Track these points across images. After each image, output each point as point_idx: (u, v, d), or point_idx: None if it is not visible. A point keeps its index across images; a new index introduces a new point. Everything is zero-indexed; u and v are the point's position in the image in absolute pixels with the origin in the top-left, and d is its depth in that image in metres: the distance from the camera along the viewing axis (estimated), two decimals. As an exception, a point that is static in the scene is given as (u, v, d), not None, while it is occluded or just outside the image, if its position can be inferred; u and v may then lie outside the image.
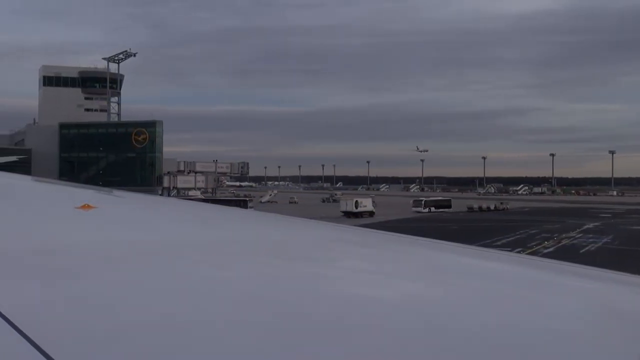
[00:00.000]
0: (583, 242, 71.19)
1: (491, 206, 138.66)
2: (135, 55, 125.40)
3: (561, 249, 63.62)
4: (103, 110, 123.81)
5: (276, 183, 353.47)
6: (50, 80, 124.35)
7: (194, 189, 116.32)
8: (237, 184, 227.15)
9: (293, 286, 2.21)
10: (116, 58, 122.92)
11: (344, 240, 3.62)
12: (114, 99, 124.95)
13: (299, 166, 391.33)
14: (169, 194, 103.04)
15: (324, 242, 3.49)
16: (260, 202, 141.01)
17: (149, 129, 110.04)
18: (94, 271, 2.26)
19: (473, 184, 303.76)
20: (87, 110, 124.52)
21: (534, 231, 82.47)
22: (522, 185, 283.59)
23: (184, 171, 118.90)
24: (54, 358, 1.36)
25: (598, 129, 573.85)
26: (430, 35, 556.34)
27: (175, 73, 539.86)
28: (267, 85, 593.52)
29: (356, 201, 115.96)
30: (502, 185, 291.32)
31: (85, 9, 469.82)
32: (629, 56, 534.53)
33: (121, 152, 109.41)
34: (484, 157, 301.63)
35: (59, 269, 2.25)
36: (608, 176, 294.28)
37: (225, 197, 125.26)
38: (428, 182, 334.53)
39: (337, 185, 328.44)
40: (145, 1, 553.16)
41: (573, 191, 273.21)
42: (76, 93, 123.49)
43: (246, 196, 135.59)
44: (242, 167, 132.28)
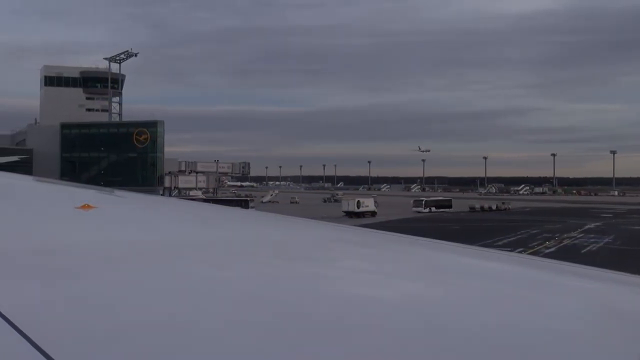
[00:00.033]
0: (584, 242, 71.13)
1: (493, 206, 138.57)
2: (136, 55, 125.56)
3: (563, 249, 63.58)
4: (104, 110, 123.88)
5: (277, 183, 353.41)
6: (52, 80, 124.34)
7: (195, 189, 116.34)
8: (238, 184, 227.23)
9: (293, 286, 2.21)
10: (117, 58, 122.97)
11: (344, 240, 3.62)
12: (116, 99, 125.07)
13: (300, 166, 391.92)
14: (170, 194, 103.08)
15: (324, 242, 3.49)
16: (262, 202, 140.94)
17: (150, 129, 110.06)
18: (93, 271, 2.25)
19: (474, 184, 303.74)
20: (88, 110, 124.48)
21: (536, 231, 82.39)
22: (523, 185, 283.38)
23: (185, 171, 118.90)
24: (54, 358, 1.36)
25: (599, 129, 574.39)
26: (430, 35, 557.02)
27: (175, 73, 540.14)
28: (268, 85, 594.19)
29: (358, 201, 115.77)
30: (503, 185, 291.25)
31: (86, 9, 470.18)
32: (629, 56, 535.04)
33: (122, 152, 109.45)
34: (485, 157, 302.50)
35: (59, 269, 2.25)
36: (609, 176, 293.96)
37: (226, 197, 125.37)
38: (429, 182, 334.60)
39: (338, 186, 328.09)
40: (146, 1, 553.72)
41: (574, 191, 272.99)
42: (77, 93, 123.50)
43: (247, 196, 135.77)
44: (243, 167, 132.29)
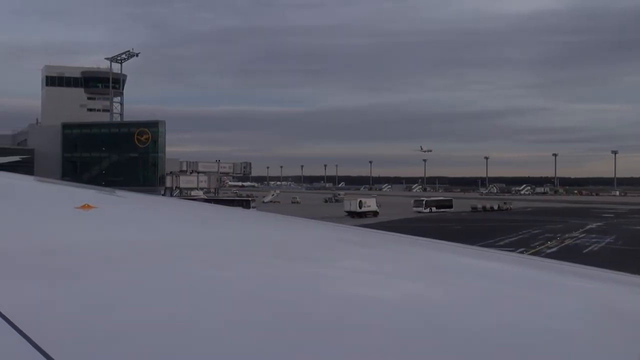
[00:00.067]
0: (586, 242, 71.08)
1: (495, 206, 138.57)
2: (137, 55, 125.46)
3: (564, 249, 63.53)
4: (106, 110, 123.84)
5: (278, 183, 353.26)
6: (53, 80, 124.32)
7: (196, 189, 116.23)
8: (239, 184, 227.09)
9: (293, 286, 2.21)
10: (119, 58, 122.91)
11: (344, 240, 3.62)
12: (117, 99, 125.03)
13: (301, 166, 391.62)
14: (171, 194, 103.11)
15: (324, 242, 3.49)
16: (263, 202, 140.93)
17: (152, 129, 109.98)
18: (93, 271, 2.25)
19: (475, 184, 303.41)
20: (89, 110, 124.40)
21: (537, 231, 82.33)
22: (524, 185, 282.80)
23: (186, 171, 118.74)
24: (54, 358, 1.36)
25: (600, 129, 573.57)
26: (430, 35, 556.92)
27: (176, 73, 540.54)
28: (269, 85, 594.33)
29: (360, 201, 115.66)
30: (505, 185, 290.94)
31: (87, 9, 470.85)
32: (630, 56, 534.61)
33: (124, 152, 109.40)
34: (486, 157, 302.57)
35: (59, 269, 2.25)
36: (610, 176, 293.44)
37: (227, 197, 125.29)
38: (430, 182, 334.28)
39: (340, 186, 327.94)
40: (147, 1, 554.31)
41: (575, 191, 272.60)
42: (79, 93, 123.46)
43: (248, 196, 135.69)
44: (244, 167, 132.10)
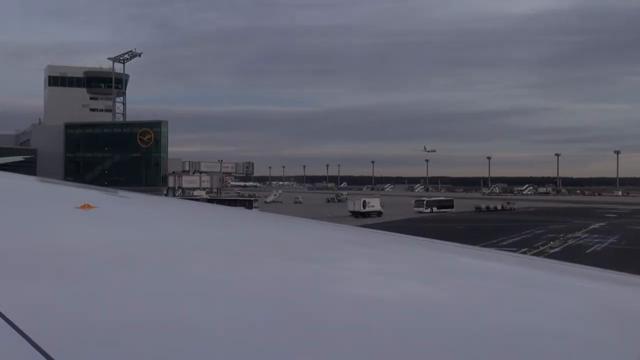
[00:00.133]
0: (589, 242, 71.08)
1: (498, 206, 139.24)
2: (140, 55, 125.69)
3: (568, 249, 63.54)
4: (108, 110, 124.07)
5: (281, 183, 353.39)
6: (56, 80, 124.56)
7: (199, 188, 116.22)
8: (241, 184, 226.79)
9: (294, 286, 2.21)
10: (121, 58, 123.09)
11: (345, 240, 3.61)
12: (119, 99, 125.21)
13: (304, 166, 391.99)
14: (174, 194, 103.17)
15: (325, 242, 3.49)
16: (265, 202, 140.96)
17: (154, 129, 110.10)
18: (93, 271, 2.25)
19: (478, 184, 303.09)
20: (92, 110, 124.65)
21: (540, 231, 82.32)
22: (527, 186, 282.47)
23: (189, 171, 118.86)
24: (54, 358, 1.36)
25: (603, 129, 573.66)
26: (433, 36, 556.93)
27: (179, 73, 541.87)
28: (272, 85, 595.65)
29: (364, 201, 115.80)
30: (507, 185, 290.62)
31: (90, 9, 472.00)
32: (634, 56, 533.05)
33: (126, 152, 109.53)
34: (488, 157, 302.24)
35: (59, 268, 2.25)
36: (613, 176, 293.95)
37: (230, 197, 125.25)
38: (433, 182, 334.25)
39: (342, 185, 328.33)
40: (150, 1, 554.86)
41: (578, 191, 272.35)
42: (81, 93, 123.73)
43: (251, 196, 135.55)
44: (247, 167, 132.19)
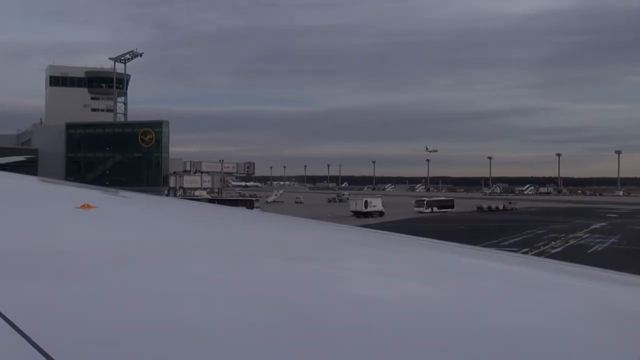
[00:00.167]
0: (590, 242, 71.04)
1: (500, 206, 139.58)
2: (141, 55, 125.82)
3: (569, 249, 63.50)
4: (109, 110, 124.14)
5: (282, 183, 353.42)
6: (57, 80, 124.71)
7: (200, 188, 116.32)
8: (242, 184, 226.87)
9: (294, 286, 2.21)
10: (122, 58, 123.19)
11: (345, 240, 3.61)
12: (121, 99, 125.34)
13: (305, 166, 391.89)
14: (175, 194, 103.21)
15: (325, 242, 3.49)
16: (267, 202, 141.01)
17: (156, 129, 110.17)
18: (93, 271, 2.25)
19: (479, 184, 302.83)
20: (93, 110, 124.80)
21: (542, 231, 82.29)
22: (528, 185, 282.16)
23: (190, 171, 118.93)
24: (54, 358, 1.36)
25: (604, 129, 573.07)
26: (434, 36, 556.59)
27: (180, 73, 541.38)
28: (273, 85, 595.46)
29: (366, 201, 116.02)
30: (508, 185, 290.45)
31: (91, 9, 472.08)
32: (635, 56, 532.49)
33: (127, 152, 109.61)
34: (489, 157, 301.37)
35: (58, 268, 2.25)
36: (614, 176, 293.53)
37: (231, 197, 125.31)
38: (434, 182, 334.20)
39: (343, 185, 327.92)
40: (150, 1, 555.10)
41: (579, 191, 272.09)
42: (83, 93, 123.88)
43: (252, 196, 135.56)
44: (248, 167, 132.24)
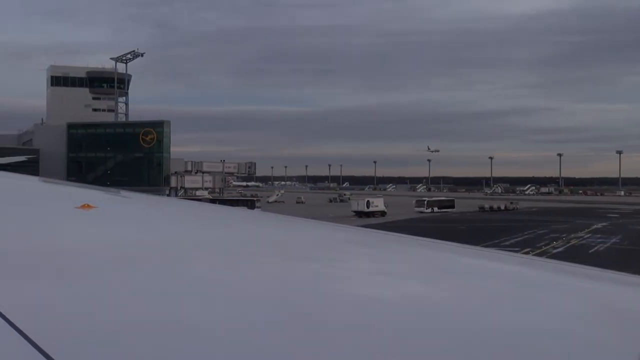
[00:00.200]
0: (592, 242, 70.97)
1: (501, 206, 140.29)
2: (142, 55, 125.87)
3: (570, 249, 63.44)
4: (111, 110, 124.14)
5: (283, 183, 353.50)
6: (58, 80, 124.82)
7: (201, 188, 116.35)
8: (243, 184, 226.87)
9: (294, 286, 2.21)
10: (124, 58, 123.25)
11: (345, 240, 3.61)
12: (122, 99, 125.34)
13: (306, 166, 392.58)
14: (176, 194, 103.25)
15: (325, 242, 3.48)
16: (268, 202, 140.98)
17: (157, 129, 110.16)
18: (93, 271, 2.25)
19: (480, 184, 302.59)
20: (94, 110, 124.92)
21: (543, 231, 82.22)
22: (529, 185, 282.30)
23: (191, 171, 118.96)
24: (54, 358, 1.36)
25: (605, 129, 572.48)
26: (434, 36, 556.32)
27: (180, 73, 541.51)
28: (274, 85, 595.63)
29: (368, 201, 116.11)
30: (509, 185, 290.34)
31: (92, 9, 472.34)
32: (635, 56, 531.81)
33: (129, 152, 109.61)
34: (491, 157, 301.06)
35: (58, 268, 2.25)
36: (615, 176, 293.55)
37: (233, 197, 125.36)
38: (435, 182, 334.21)
39: (344, 185, 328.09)
40: (150, 1, 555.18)
41: (580, 191, 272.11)
42: (84, 93, 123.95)
43: (253, 196, 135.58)
44: (249, 167, 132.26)
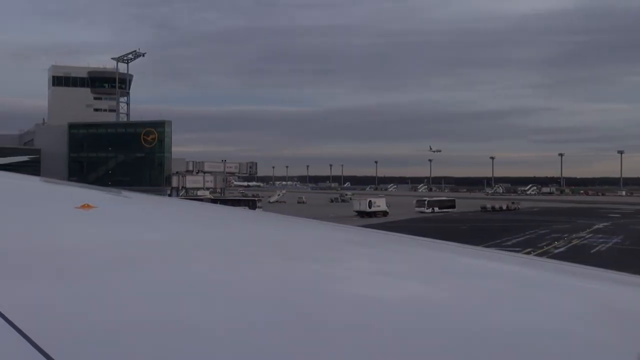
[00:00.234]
0: (594, 242, 70.95)
1: (503, 206, 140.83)
2: (144, 55, 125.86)
3: (572, 249, 63.42)
4: (112, 110, 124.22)
5: (284, 183, 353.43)
6: (60, 80, 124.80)
7: (202, 188, 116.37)
8: (244, 184, 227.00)
9: (294, 286, 2.21)
10: (125, 58, 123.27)
11: (345, 240, 3.61)
12: (123, 99, 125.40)
13: (307, 166, 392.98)
14: (177, 194, 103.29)
15: (325, 242, 3.48)
16: (269, 202, 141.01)
17: (158, 129, 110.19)
18: (93, 271, 2.25)
19: (481, 184, 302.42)
20: (96, 110, 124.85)
21: (544, 231, 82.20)
22: (530, 185, 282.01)
23: (192, 171, 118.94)
24: (54, 358, 1.36)
25: (607, 129, 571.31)
26: (435, 36, 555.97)
27: (180, 73, 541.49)
28: (275, 85, 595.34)
29: (370, 201, 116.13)
30: (510, 185, 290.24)
31: (93, 10, 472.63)
32: (637, 56, 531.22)
33: (130, 152, 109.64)
34: (492, 157, 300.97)
35: (58, 268, 2.25)
36: (616, 176, 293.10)
37: (234, 197, 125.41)
38: (436, 182, 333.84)
39: (345, 185, 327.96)
40: (150, 2, 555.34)
41: (582, 191, 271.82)
42: (85, 93, 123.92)
43: (254, 196, 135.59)
44: (250, 167, 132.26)
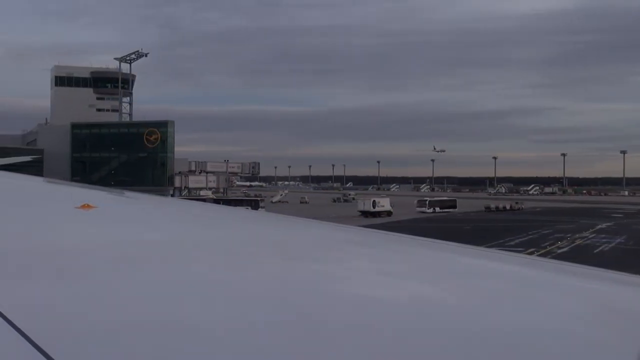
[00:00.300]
0: (597, 242, 70.99)
1: (507, 206, 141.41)
2: (146, 56, 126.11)
3: (575, 249, 63.45)
4: (115, 110, 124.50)
5: (286, 183, 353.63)
6: (62, 81, 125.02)
7: (205, 188, 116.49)
8: (247, 184, 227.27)
9: (294, 286, 2.21)
10: (128, 58, 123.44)
11: (345, 240, 3.60)
12: (126, 99, 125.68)
13: (309, 166, 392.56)
14: (180, 194, 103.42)
15: (325, 242, 3.48)
16: (271, 202, 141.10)
17: (161, 129, 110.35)
18: (93, 271, 2.25)
19: (484, 184, 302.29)
20: (98, 110, 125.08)
21: (547, 231, 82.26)
22: (533, 185, 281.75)
23: (195, 171, 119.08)
24: (54, 358, 1.36)
25: (609, 129, 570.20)
26: (437, 36, 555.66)
27: (182, 73, 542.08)
28: (277, 85, 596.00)
29: (374, 201, 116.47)
30: (513, 185, 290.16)
31: (93, 10, 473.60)
32: (637, 56, 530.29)
33: (133, 152, 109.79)
34: (494, 157, 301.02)
35: (58, 268, 2.25)
36: (619, 176, 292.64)
37: (237, 197, 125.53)
38: (438, 182, 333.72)
39: (347, 185, 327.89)
40: (153, 2, 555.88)
41: (584, 191, 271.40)
42: (88, 93, 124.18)
43: (257, 196, 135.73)
44: (252, 167, 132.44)
